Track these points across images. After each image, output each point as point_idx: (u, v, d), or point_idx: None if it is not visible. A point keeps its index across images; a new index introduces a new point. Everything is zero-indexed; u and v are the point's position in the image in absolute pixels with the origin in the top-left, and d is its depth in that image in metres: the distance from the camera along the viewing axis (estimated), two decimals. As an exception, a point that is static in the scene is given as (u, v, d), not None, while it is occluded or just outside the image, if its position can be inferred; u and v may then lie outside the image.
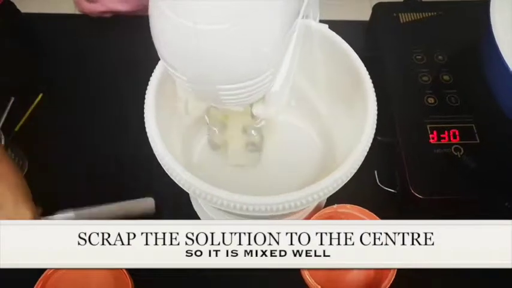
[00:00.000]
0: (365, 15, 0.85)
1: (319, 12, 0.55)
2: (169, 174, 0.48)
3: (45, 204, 0.61)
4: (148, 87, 0.51)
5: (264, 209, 0.45)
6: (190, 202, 0.67)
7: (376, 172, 0.69)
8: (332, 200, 0.63)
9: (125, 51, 0.81)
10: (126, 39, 0.82)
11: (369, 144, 0.49)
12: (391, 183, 0.68)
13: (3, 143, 0.63)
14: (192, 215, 0.66)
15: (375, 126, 0.50)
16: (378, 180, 0.69)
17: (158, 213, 0.65)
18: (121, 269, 0.57)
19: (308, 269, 0.56)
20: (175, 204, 0.67)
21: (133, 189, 0.68)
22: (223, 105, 0.47)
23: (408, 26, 0.78)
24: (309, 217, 0.63)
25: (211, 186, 0.45)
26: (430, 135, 0.66)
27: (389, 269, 0.57)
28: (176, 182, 0.47)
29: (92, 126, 0.75)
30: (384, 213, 0.60)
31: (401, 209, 0.66)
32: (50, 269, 0.56)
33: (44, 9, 0.88)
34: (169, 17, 0.36)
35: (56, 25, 0.86)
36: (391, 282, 0.56)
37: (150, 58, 0.47)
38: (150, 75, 0.52)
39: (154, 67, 0.52)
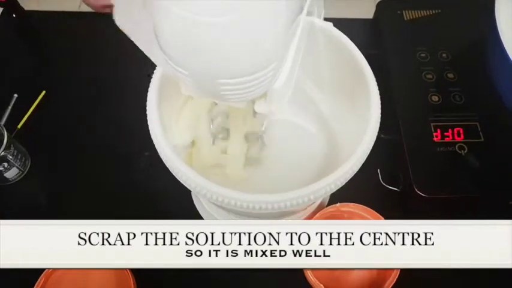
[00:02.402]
0: (369, 12, 0.85)
1: (323, 10, 0.55)
2: (175, 175, 0.47)
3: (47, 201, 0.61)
4: (150, 84, 0.51)
5: (271, 207, 0.44)
6: (193, 202, 0.67)
7: (379, 170, 0.69)
8: (335, 198, 0.63)
9: (129, 49, 0.81)
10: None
11: (373, 142, 0.48)
12: (394, 182, 0.68)
13: (6, 139, 0.63)
14: (194, 215, 0.66)
15: (379, 123, 0.50)
16: (381, 179, 0.68)
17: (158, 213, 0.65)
18: (124, 269, 0.57)
19: (310, 269, 0.56)
20: (176, 204, 0.67)
21: (135, 187, 0.68)
22: (224, 101, 0.47)
23: (412, 24, 0.77)
24: (311, 216, 0.62)
25: (216, 185, 0.44)
26: (434, 134, 0.65)
27: (393, 269, 0.56)
28: (183, 182, 0.46)
29: (94, 123, 0.75)
30: (387, 211, 0.60)
31: (404, 207, 0.66)
32: (50, 268, 0.56)
33: (47, 7, 0.87)
34: (170, 8, 0.36)
35: (59, 23, 0.87)
36: (394, 281, 0.56)
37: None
38: (153, 73, 0.51)
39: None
